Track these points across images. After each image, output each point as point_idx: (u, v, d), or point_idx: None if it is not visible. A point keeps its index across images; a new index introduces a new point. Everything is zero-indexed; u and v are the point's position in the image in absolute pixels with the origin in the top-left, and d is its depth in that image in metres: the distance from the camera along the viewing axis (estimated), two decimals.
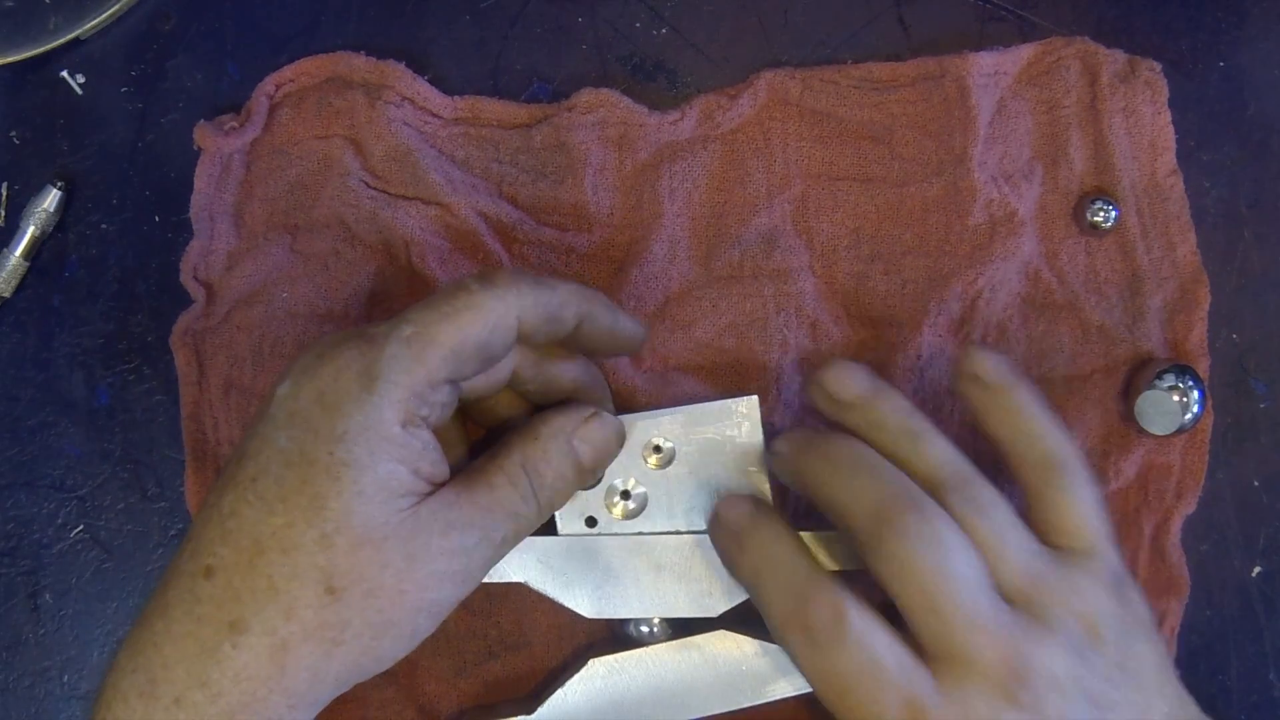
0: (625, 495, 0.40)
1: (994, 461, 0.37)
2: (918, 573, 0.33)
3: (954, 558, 0.33)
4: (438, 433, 0.34)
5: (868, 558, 0.34)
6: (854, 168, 0.43)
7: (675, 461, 0.39)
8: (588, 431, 0.37)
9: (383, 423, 0.32)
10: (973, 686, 0.32)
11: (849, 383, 0.37)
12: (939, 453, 0.36)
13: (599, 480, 0.39)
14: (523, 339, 0.35)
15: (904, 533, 0.33)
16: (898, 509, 0.33)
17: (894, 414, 0.36)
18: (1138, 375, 0.42)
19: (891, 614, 0.34)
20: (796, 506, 0.42)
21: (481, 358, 0.34)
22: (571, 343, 0.37)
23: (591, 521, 0.40)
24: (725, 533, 0.37)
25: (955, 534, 0.33)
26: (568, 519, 0.40)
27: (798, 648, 0.34)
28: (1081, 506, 0.36)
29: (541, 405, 0.39)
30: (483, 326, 0.33)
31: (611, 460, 0.38)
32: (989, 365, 0.37)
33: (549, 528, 0.40)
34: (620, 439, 0.38)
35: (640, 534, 0.39)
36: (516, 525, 0.35)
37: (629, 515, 0.40)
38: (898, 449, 0.36)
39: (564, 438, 0.36)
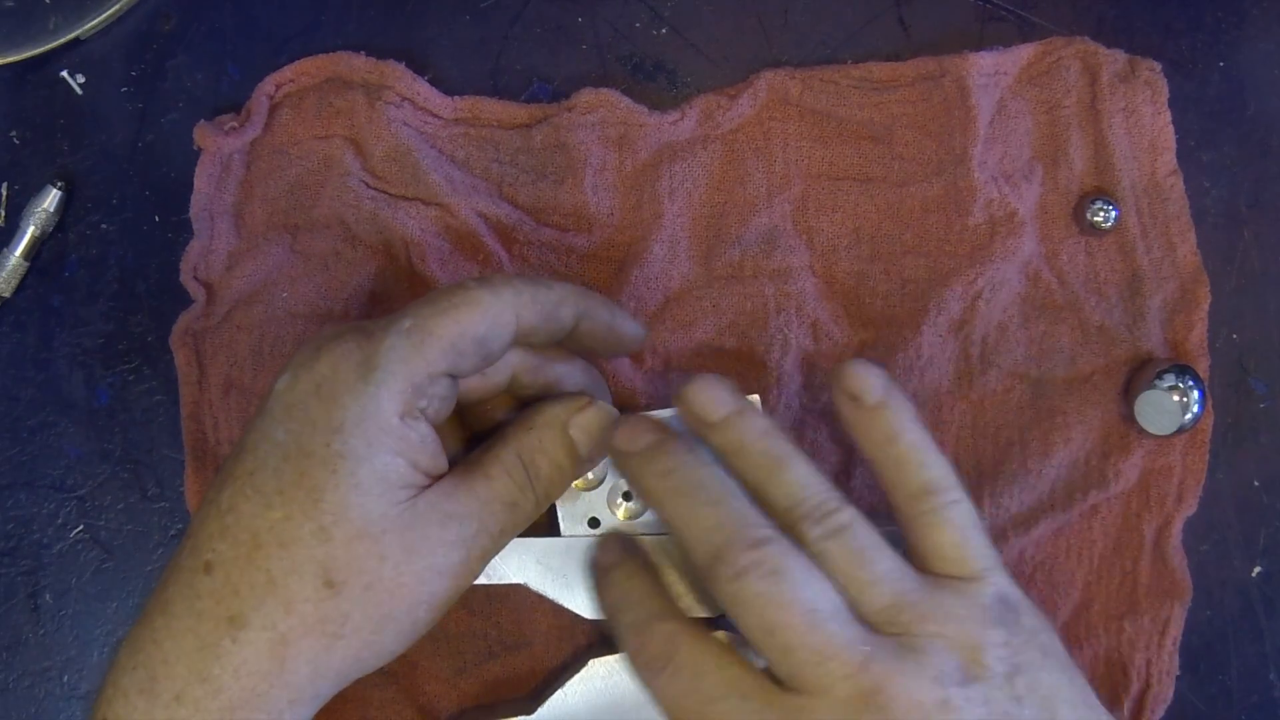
0: (627, 496, 0.40)
1: (980, 469, 0.36)
2: (757, 608, 0.32)
3: (798, 590, 0.32)
4: (436, 429, 0.34)
5: (711, 592, 0.33)
6: (854, 167, 0.43)
7: None
8: (583, 420, 0.37)
9: (380, 413, 0.32)
10: (821, 716, 0.31)
11: (711, 402, 0.35)
12: (799, 479, 0.34)
13: (602, 480, 0.39)
14: (521, 337, 0.35)
15: (740, 569, 0.32)
16: (733, 544, 0.32)
17: (755, 438, 0.35)
18: (1138, 375, 0.42)
19: None
20: None
21: (480, 353, 0.34)
22: (571, 343, 0.37)
23: (594, 523, 0.40)
24: (597, 572, 0.38)
25: (801, 565, 0.32)
26: (570, 520, 0.40)
27: (643, 681, 0.34)
28: (957, 533, 0.34)
29: None
30: (480, 321, 0.33)
31: (606, 450, 0.38)
32: (865, 383, 0.35)
33: (552, 528, 0.40)
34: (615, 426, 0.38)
35: (642, 534, 0.39)
36: (514, 516, 0.35)
37: (631, 516, 0.40)
38: (755, 476, 0.34)
39: (559, 427, 0.36)
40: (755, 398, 0.39)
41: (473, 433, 0.38)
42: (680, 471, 0.34)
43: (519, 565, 0.39)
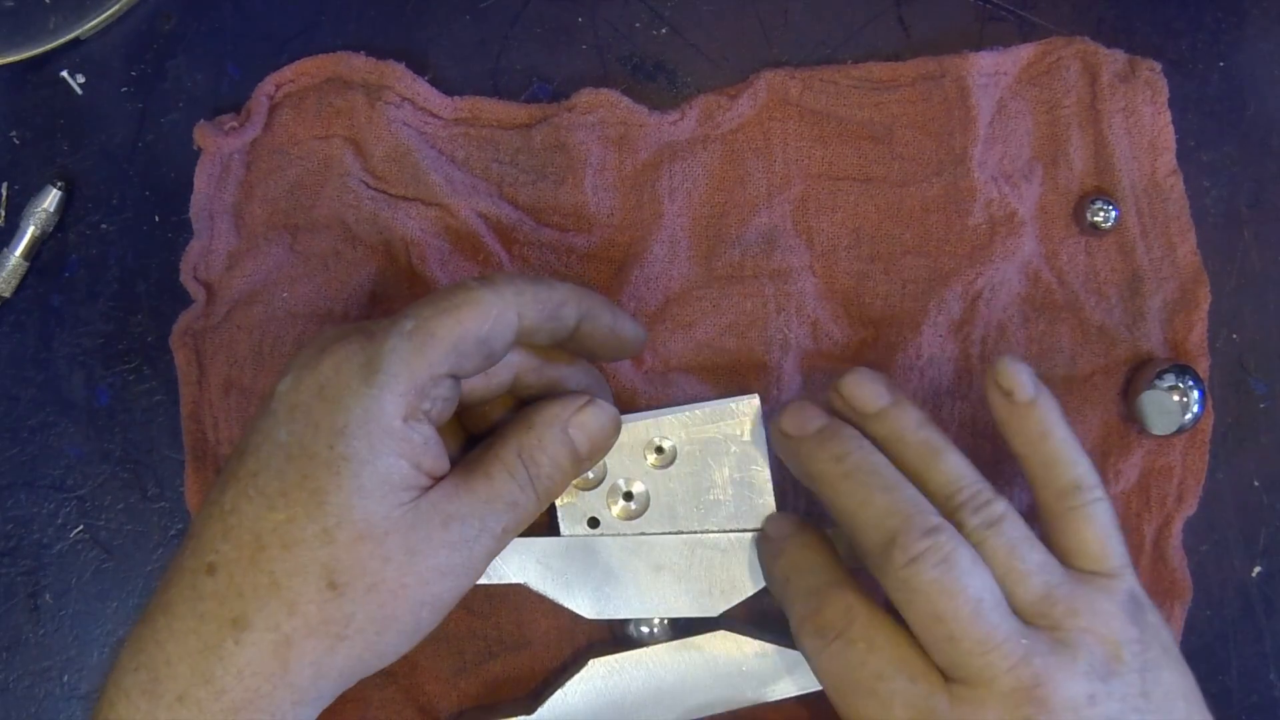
0: (628, 496, 0.40)
1: (979, 469, 0.36)
2: (928, 596, 0.33)
3: (966, 579, 0.33)
4: (438, 430, 0.34)
5: (878, 576, 0.34)
6: (854, 167, 0.43)
7: (677, 462, 0.39)
8: (583, 419, 0.36)
9: (383, 415, 0.32)
10: (987, 707, 0.32)
11: (870, 394, 0.37)
12: (956, 469, 0.36)
13: (602, 480, 0.39)
14: (523, 337, 0.35)
15: (914, 555, 0.33)
16: (908, 530, 0.33)
17: (914, 429, 0.36)
18: (1138, 375, 0.42)
19: None
20: (795, 505, 0.42)
21: (482, 353, 0.34)
22: (572, 344, 0.37)
23: (594, 522, 0.40)
24: (767, 544, 0.38)
25: (968, 555, 0.33)
26: (570, 520, 0.40)
27: (810, 649, 0.35)
28: (1101, 531, 0.35)
29: None
30: (483, 321, 0.33)
31: (608, 448, 0.38)
32: (1018, 380, 0.36)
33: (552, 529, 0.40)
34: (616, 426, 0.38)
35: (643, 534, 0.39)
36: (516, 515, 0.35)
37: (631, 516, 0.40)
38: (915, 463, 0.36)
39: (559, 426, 0.36)
40: (755, 398, 0.39)
41: (470, 433, 0.39)
42: (854, 456, 0.36)
43: (519, 565, 0.39)
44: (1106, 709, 0.32)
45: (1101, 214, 0.42)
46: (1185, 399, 0.41)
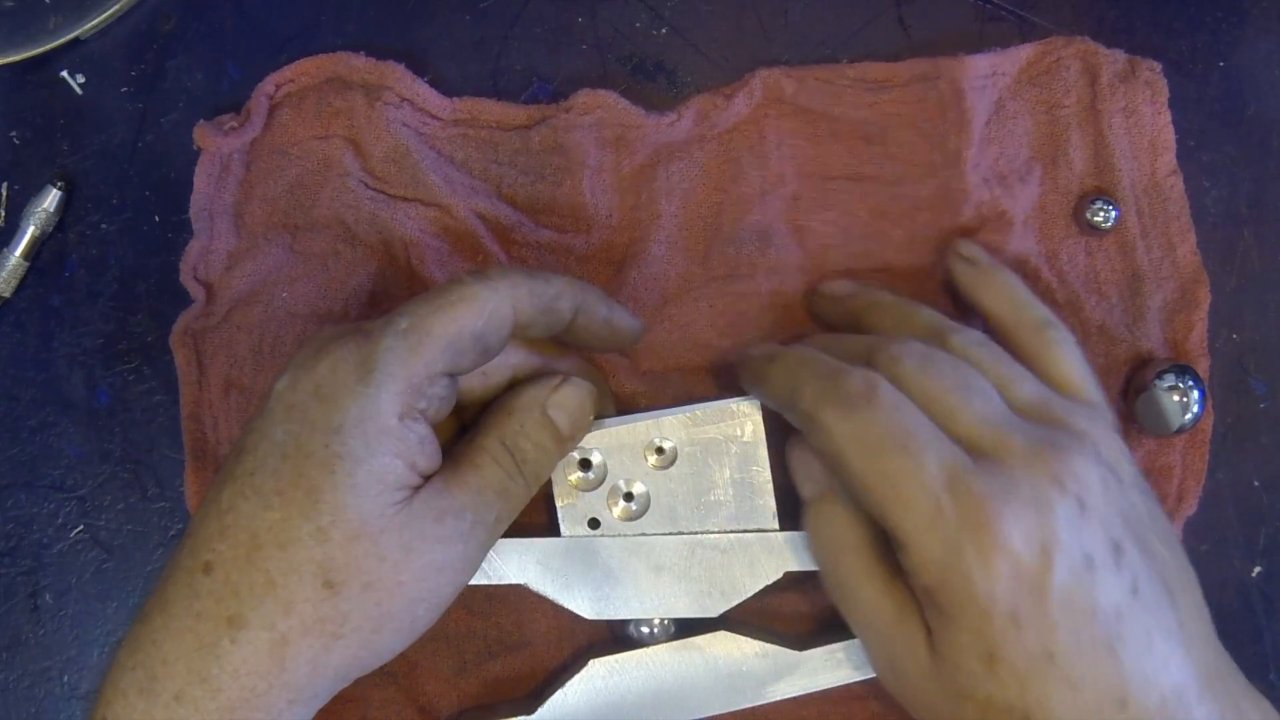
0: (628, 497, 0.40)
1: None
2: (940, 389, 0.34)
3: (970, 375, 0.34)
4: (434, 428, 0.34)
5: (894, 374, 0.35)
6: (847, 167, 0.43)
7: (678, 462, 0.39)
8: (560, 398, 0.37)
9: (379, 415, 0.32)
10: (1015, 467, 0.32)
11: (841, 283, 0.41)
12: (932, 311, 0.38)
13: (603, 481, 0.39)
14: (519, 331, 0.35)
15: (921, 358, 0.34)
16: (901, 344, 0.35)
17: (885, 292, 0.40)
18: (1138, 375, 0.42)
19: None
20: (796, 506, 0.42)
21: (478, 349, 0.34)
22: (568, 337, 0.37)
23: (595, 523, 0.40)
24: (756, 357, 0.38)
25: (961, 362, 0.35)
26: (571, 521, 0.40)
27: (832, 420, 0.33)
28: (1078, 364, 0.37)
29: None
30: (478, 317, 0.33)
31: (589, 424, 0.38)
32: (977, 251, 0.40)
33: (552, 530, 0.40)
34: (594, 400, 0.38)
35: (644, 535, 0.39)
36: (508, 503, 0.35)
37: (632, 517, 0.40)
38: (896, 313, 0.38)
39: (538, 408, 0.36)
40: (756, 398, 0.39)
41: (465, 429, 0.39)
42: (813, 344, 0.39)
43: (519, 566, 0.39)
44: (1119, 502, 0.33)
45: (1101, 214, 0.42)
46: (1185, 399, 0.41)
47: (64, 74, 0.44)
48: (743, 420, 0.39)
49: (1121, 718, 0.31)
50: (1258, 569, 0.43)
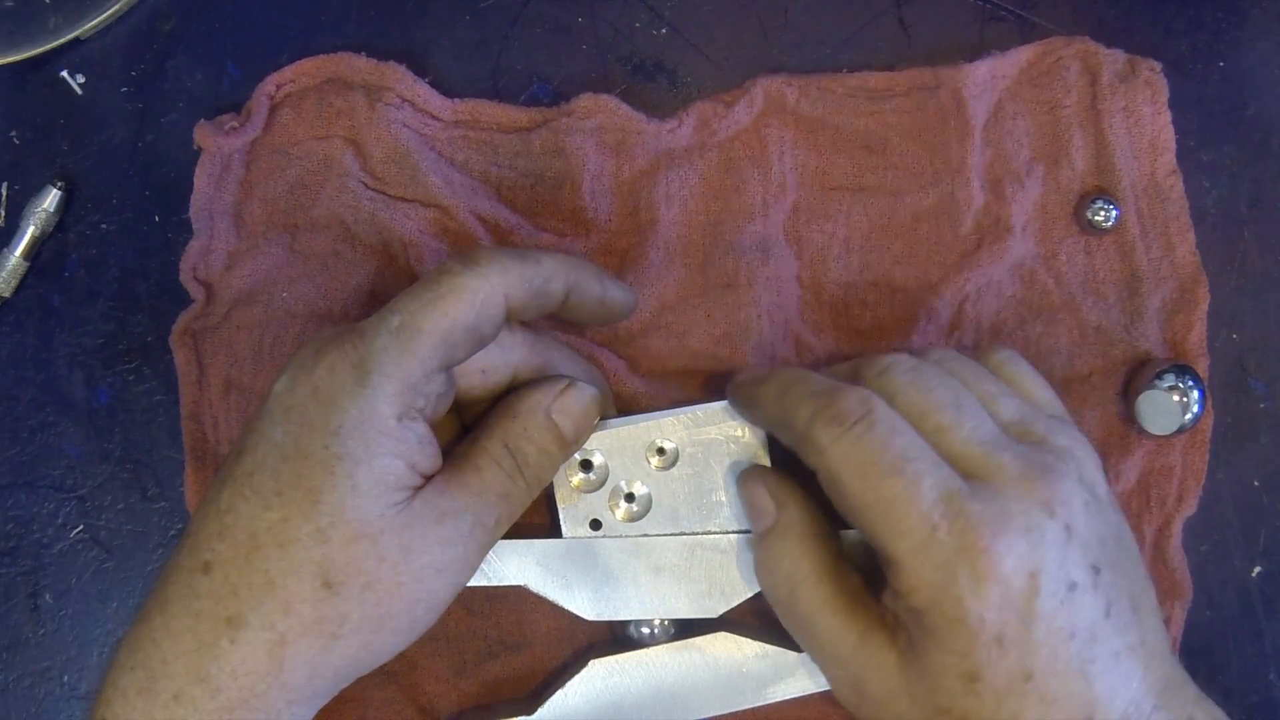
0: (629, 498, 0.39)
1: None
2: (932, 405, 0.33)
3: (959, 391, 0.34)
4: (434, 425, 0.34)
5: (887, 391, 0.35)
6: (849, 177, 0.43)
7: (679, 463, 0.39)
8: (564, 403, 0.37)
9: (377, 416, 0.32)
10: (1008, 491, 0.32)
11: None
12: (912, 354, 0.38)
13: (604, 482, 0.39)
14: (512, 316, 0.35)
15: (911, 371, 0.34)
16: (892, 358, 0.35)
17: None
18: (1137, 376, 0.42)
19: None
20: None
21: (471, 340, 0.33)
22: (562, 314, 0.37)
23: (596, 524, 0.40)
24: (746, 379, 0.38)
25: (950, 377, 0.35)
26: (572, 522, 0.40)
27: (825, 440, 0.33)
28: (1038, 380, 0.38)
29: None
30: (469, 308, 0.33)
31: (591, 429, 0.38)
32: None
33: (554, 531, 0.40)
34: (598, 406, 0.38)
35: (645, 536, 0.39)
36: (508, 506, 0.35)
37: (633, 518, 0.40)
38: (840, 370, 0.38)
39: (542, 412, 0.36)
40: None
41: (465, 427, 0.38)
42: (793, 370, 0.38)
43: (520, 567, 0.39)
44: (1097, 526, 0.33)
45: (1102, 214, 0.42)
46: (1185, 399, 0.41)
47: (64, 74, 0.44)
48: (743, 420, 0.39)
49: None
50: (1258, 569, 0.43)
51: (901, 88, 0.43)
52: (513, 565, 0.39)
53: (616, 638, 0.41)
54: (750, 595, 0.39)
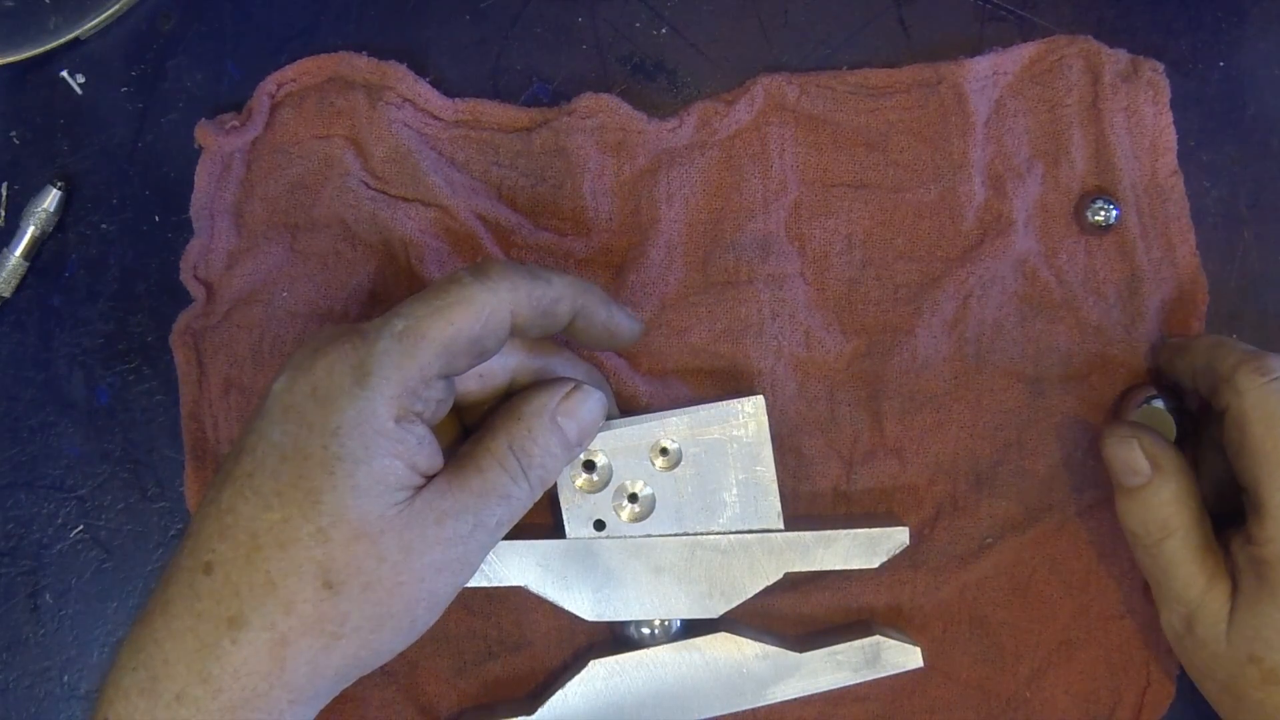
0: (633, 498, 0.39)
1: (978, 469, 0.36)
2: None
3: None
4: (433, 427, 0.34)
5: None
6: (850, 174, 0.43)
7: (682, 463, 0.39)
8: (570, 406, 0.37)
9: (376, 417, 0.32)
10: None
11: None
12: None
13: (608, 482, 0.39)
14: (516, 332, 0.35)
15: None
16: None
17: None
18: (1126, 399, 0.42)
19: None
20: (797, 507, 0.42)
21: (474, 352, 0.33)
22: (566, 335, 0.37)
23: (600, 525, 0.39)
24: (1178, 339, 0.41)
25: None
26: (576, 522, 0.39)
27: (1248, 385, 0.36)
28: None
29: None
30: (475, 320, 0.33)
31: (596, 432, 0.38)
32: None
33: (556, 531, 0.40)
34: (603, 409, 0.38)
35: (649, 536, 0.39)
36: (510, 508, 0.35)
37: (637, 518, 0.39)
38: None
39: (548, 415, 0.36)
40: (759, 398, 0.39)
41: (466, 428, 0.38)
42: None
43: (520, 567, 0.39)
44: None
45: (1102, 213, 0.42)
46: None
47: (64, 74, 0.44)
48: (746, 420, 0.39)
49: None
50: None
51: (902, 84, 0.43)
52: (513, 565, 0.39)
53: (616, 638, 0.41)
54: (751, 596, 0.39)
